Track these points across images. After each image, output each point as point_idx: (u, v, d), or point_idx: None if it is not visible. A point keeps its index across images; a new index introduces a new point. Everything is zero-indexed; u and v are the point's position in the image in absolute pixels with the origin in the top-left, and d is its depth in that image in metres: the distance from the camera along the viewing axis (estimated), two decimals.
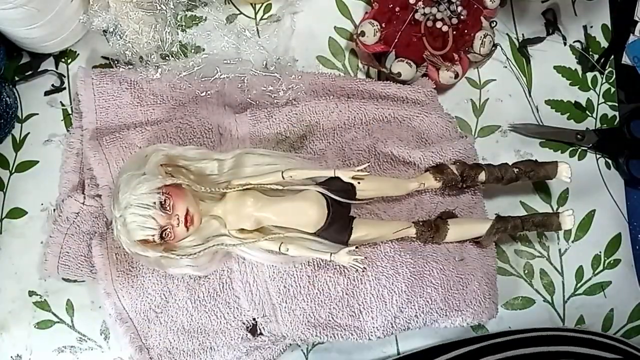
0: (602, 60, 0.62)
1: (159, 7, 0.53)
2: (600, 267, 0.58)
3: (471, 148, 0.56)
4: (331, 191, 0.47)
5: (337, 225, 0.48)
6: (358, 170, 0.47)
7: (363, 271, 0.52)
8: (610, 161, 0.61)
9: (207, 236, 0.46)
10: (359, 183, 0.48)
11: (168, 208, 0.42)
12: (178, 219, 0.43)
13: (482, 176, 0.53)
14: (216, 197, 0.47)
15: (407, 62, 0.55)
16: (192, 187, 0.44)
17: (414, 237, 0.51)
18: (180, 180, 0.44)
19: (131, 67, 0.53)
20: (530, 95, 0.61)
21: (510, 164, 0.54)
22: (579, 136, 0.60)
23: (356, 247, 0.48)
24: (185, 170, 0.46)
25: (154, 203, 0.41)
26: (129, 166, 0.44)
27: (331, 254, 0.47)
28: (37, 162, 0.54)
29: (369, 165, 0.49)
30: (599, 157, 0.61)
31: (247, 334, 0.51)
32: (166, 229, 0.42)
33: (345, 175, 0.47)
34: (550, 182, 0.59)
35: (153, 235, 0.42)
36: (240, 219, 0.46)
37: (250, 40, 0.56)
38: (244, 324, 0.51)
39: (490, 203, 0.57)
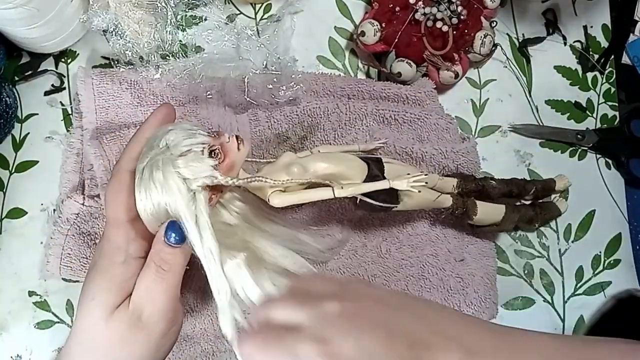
0: (602, 60, 0.62)
1: (159, 7, 0.53)
2: (600, 267, 0.58)
3: (473, 150, 0.56)
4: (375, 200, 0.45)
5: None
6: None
7: (363, 272, 0.52)
8: (610, 161, 0.61)
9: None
10: (419, 192, 0.45)
11: (212, 135, 0.39)
12: (228, 136, 0.39)
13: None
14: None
15: (407, 62, 0.55)
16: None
17: (448, 208, 0.50)
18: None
19: (131, 67, 0.53)
20: (530, 95, 0.61)
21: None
22: (579, 136, 0.60)
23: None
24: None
25: (195, 127, 0.38)
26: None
27: (389, 180, 0.45)
28: (37, 162, 0.54)
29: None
30: (599, 157, 0.61)
31: None
32: (215, 148, 0.38)
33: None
34: None
35: (202, 146, 0.38)
36: None
37: (251, 39, 0.56)
38: None
39: None
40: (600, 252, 0.59)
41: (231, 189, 0.43)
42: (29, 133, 0.55)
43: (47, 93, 0.55)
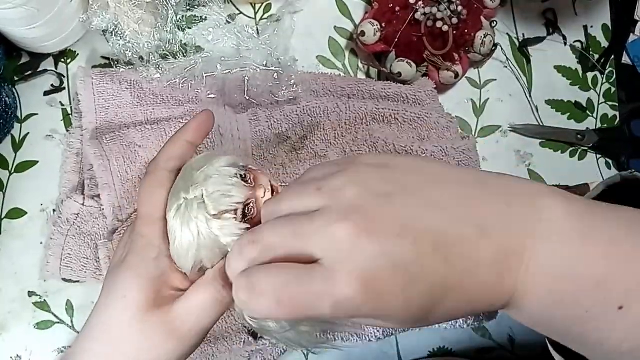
0: (602, 60, 0.62)
1: (159, 7, 0.53)
2: None
3: (474, 148, 0.56)
4: None
5: None
6: None
7: None
8: (610, 161, 0.61)
9: None
10: None
11: (250, 181, 0.38)
12: (264, 189, 0.38)
13: None
14: None
15: (407, 62, 0.55)
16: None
17: None
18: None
19: (131, 67, 0.53)
20: (530, 95, 0.61)
21: None
22: (579, 136, 0.60)
23: None
24: None
25: (235, 174, 0.37)
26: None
27: None
28: (37, 162, 0.54)
29: None
30: (599, 157, 0.61)
31: (248, 338, 0.51)
32: (249, 204, 0.37)
33: None
34: (549, 180, 0.59)
35: (239, 204, 0.37)
36: None
37: (252, 39, 0.56)
38: (245, 327, 0.51)
39: None
40: None
41: None
42: (28, 133, 0.55)
43: (46, 93, 0.55)
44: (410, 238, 0.28)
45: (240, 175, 0.38)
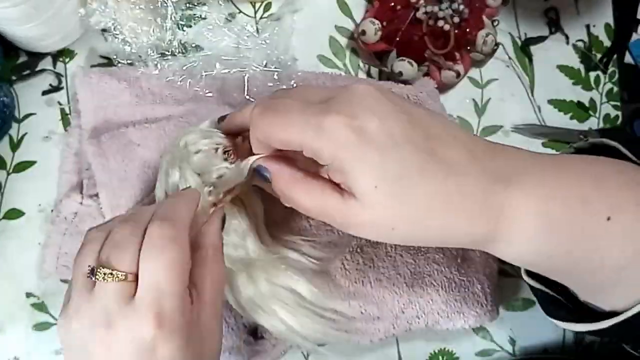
0: (605, 60, 0.62)
1: (158, 6, 0.53)
2: None
3: None
4: None
5: None
6: None
7: (368, 269, 0.52)
8: None
9: None
10: None
11: (228, 135, 0.42)
12: (242, 138, 0.42)
13: None
14: None
15: (408, 62, 0.55)
16: None
17: None
18: None
19: (130, 66, 0.53)
20: (532, 95, 0.61)
21: None
22: (581, 136, 0.59)
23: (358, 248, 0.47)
24: None
25: (212, 128, 0.42)
26: None
27: None
28: (35, 162, 0.54)
29: None
30: None
31: (249, 337, 0.50)
32: (229, 149, 0.41)
33: None
34: None
35: (218, 145, 0.41)
36: None
37: (251, 37, 0.56)
38: (245, 327, 0.50)
39: None
40: None
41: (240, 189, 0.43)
42: (26, 133, 0.54)
43: (45, 92, 0.55)
44: (407, 118, 0.33)
45: (217, 129, 0.42)
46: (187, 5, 0.57)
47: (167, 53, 0.54)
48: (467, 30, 0.56)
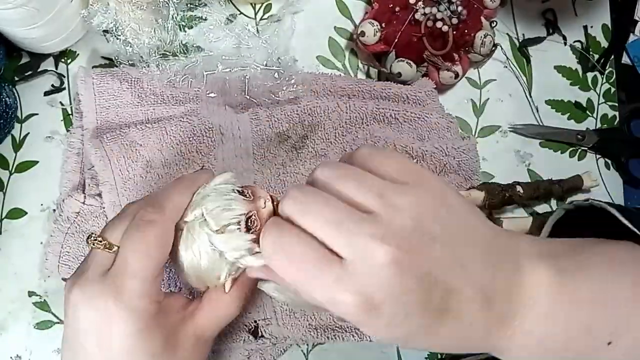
0: (602, 60, 0.62)
1: (160, 7, 0.53)
2: None
3: (474, 149, 0.56)
4: None
5: None
6: None
7: None
8: (609, 161, 0.61)
9: None
10: None
11: (248, 195, 0.38)
12: (264, 200, 0.38)
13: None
14: None
15: (407, 62, 0.55)
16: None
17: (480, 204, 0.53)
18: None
19: (132, 66, 0.53)
20: (530, 95, 0.61)
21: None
22: (579, 136, 0.60)
23: None
24: None
25: (232, 190, 0.38)
26: None
27: None
28: (37, 162, 0.54)
29: None
30: (599, 158, 0.61)
31: (249, 337, 0.51)
32: (251, 216, 0.37)
33: None
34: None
35: (240, 216, 0.36)
36: None
37: (252, 38, 0.56)
38: (245, 326, 0.51)
39: None
40: None
41: None
42: (29, 133, 0.55)
43: (47, 93, 0.55)
44: (426, 285, 0.30)
45: (238, 191, 0.38)
46: (188, 6, 0.57)
47: (168, 54, 0.55)
48: (466, 31, 0.56)
